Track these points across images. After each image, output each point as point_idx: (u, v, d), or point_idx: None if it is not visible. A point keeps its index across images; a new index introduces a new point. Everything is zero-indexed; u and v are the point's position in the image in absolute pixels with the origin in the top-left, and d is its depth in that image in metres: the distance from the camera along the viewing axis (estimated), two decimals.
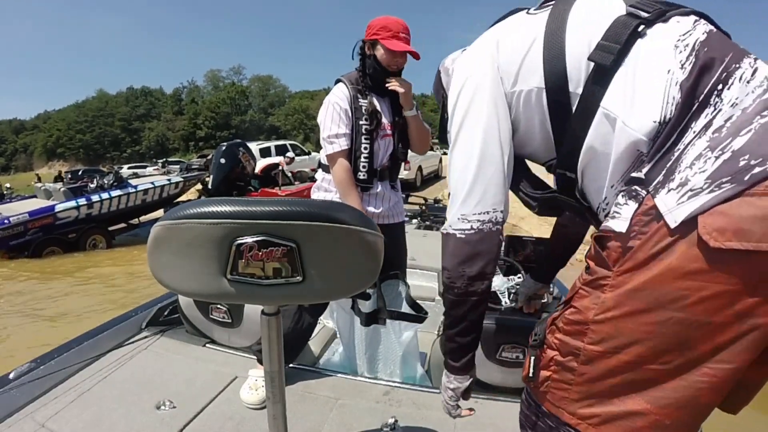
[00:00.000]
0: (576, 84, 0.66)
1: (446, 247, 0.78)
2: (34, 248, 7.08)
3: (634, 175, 0.58)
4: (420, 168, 12.27)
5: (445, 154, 21.54)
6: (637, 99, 0.59)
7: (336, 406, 1.34)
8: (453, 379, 0.87)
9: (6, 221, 6.78)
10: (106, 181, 8.12)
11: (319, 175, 1.78)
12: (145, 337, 1.72)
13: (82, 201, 7.54)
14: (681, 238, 0.51)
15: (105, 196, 7.82)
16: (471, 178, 0.75)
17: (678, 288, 0.51)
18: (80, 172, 15.67)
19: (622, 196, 0.58)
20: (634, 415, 0.57)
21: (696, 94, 0.55)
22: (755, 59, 0.58)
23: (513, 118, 0.75)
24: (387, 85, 1.64)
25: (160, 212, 8.62)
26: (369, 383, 1.49)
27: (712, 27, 0.63)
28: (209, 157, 12.75)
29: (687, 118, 0.55)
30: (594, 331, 0.58)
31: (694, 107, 0.55)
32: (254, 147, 10.77)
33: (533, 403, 0.70)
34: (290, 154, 10.43)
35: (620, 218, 0.57)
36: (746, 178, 0.48)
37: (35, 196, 8.43)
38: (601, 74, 0.63)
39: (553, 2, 0.72)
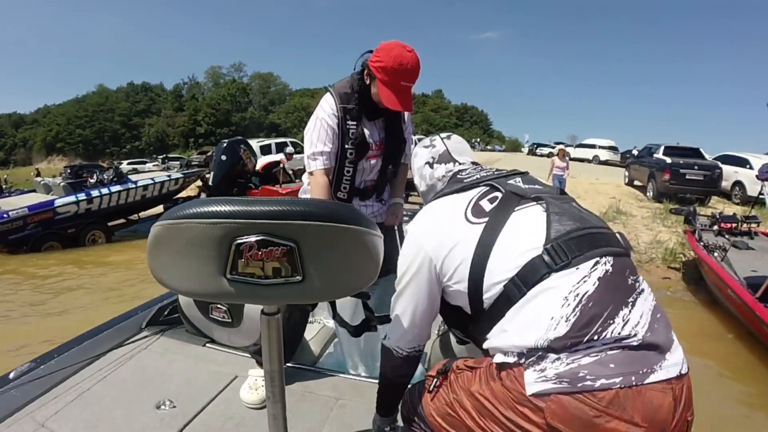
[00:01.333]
0: (489, 296, 0.86)
1: (385, 357, 1.06)
2: (33, 243, 7.10)
3: (518, 352, 0.79)
4: None
5: None
6: (525, 327, 0.79)
7: (336, 406, 1.34)
8: (385, 422, 1.15)
9: (5, 215, 6.78)
10: (105, 177, 8.12)
11: (306, 178, 1.75)
12: (145, 336, 1.71)
13: (82, 196, 7.55)
14: (531, 404, 0.74)
15: (105, 191, 7.83)
16: (408, 323, 1.00)
17: (516, 420, 0.77)
18: (79, 168, 15.66)
19: (510, 355, 0.80)
20: None
21: (570, 343, 0.74)
22: (630, 309, 0.78)
23: (444, 290, 0.98)
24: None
25: (159, 208, 8.63)
26: (369, 383, 1.48)
27: (609, 268, 0.81)
28: (209, 153, 12.73)
29: (558, 348, 0.75)
30: (470, 397, 0.86)
31: (567, 345, 0.75)
32: (255, 144, 10.77)
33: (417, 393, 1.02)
34: (289, 149, 10.41)
35: (502, 356, 0.81)
36: (578, 384, 0.71)
37: (35, 191, 8.42)
38: (507, 301, 0.83)
39: (483, 220, 0.91)
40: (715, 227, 5.47)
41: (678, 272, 5.98)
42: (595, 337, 0.74)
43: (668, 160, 10.59)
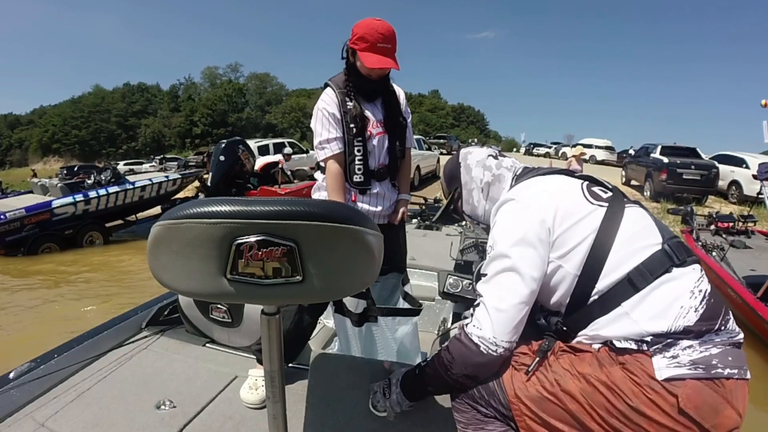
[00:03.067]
0: (605, 283, 0.87)
1: (462, 352, 0.91)
2: (30, 244, 7.05)
3: (638, 339, 0.83)
4: (418, 168, 12.26)
5: (442, 153, 21.61)
6: (656, 314, 0.83)
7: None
8: (406, 405, 1.04)
9: (2, 217, 6.74)
10: (103, 178, 8.08)
11: (318, 175, 1.78)
12: (145, 336, 1.71)
13: (79, 197, 7.51)
14: (663, 389, 0.77)
15: (102, 192, 7.79)
16: (515, 306, 0.90)
17: (642, 405, 0.79)
18: (76, 168, 15.59)
19: (627, 341, 0.83)
20: (555, 429, 0.87)
21: (700, 331, 0.81)
22: (729, 312, 0.87)
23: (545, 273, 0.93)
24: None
25: (157, 209, 8.61)
26: None
27: (708, 279, 0.91)
28: (207, 153, 12.70)
29: (688, 334, 0.81)
30: (581, 380, 0.84)
31: (692, 333, 0.81)
32: (252, 145, 10.75)
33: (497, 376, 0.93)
34: (287, 150, 10.40)
35: (622, 342, 0.83)
36: (712, 372, 0.78)
37: (31, 192, 8.38)
38: (630, 287, 0.85)
39: (606, 203, 0.94)
40: (713, 227, 5.49)
41: None
42: (719, 329, 0.83)
43: (665, 159, 10.63)
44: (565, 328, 0.91)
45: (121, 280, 5.89)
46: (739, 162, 11.04)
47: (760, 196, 5.63)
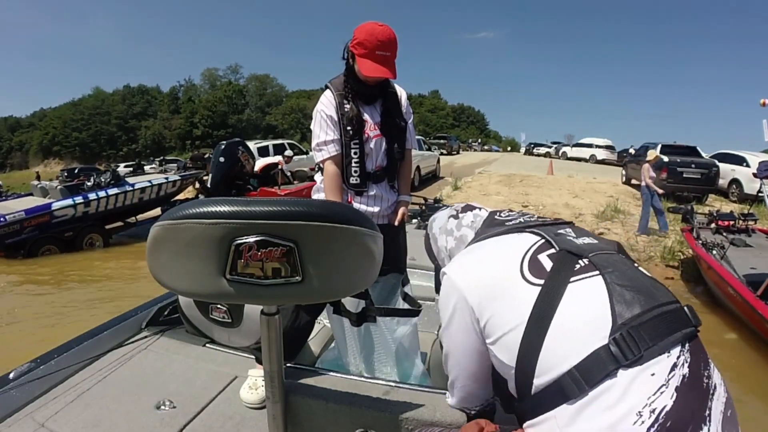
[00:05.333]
0: (540, 381, 0.72)
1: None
2: (30, 247, 7.05)
3: None
4: (418, 168, 12.27)
5: (442, 153, 21.59)
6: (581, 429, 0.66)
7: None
8: None
9: (2, 219, 6.74)
10: (103, 180, 8.08)
11: (318, 177, 1.78)
12: (145, 336, 1.71)
13: (79, 199, 7.51)
14: None
15: (102, 194, 7.79)
16: (466, 382, 0.94)
17: None
18: (76, 170, 15.60)
19: None
20: None
21: None
22: (710, 409, 0.66)
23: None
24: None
25: (157, 211, 8.61)
26: (369, 383, 1.48)
27: (686, 371, 0.67)
28: (206, 155, 12.71)
29: None
30: None
31: None
32: (252, 146, 10.75)
33: None
34: (288, 152, 10.42)
35: None
36: None
37: (31, 194, 8.39)
38: (560, 395, 0.69)
39: (541, 283, 0.77)
40: (713, 225, 5.49)
41: (677, 270, 6.00)
42: None
43: (665, 158, 10.62)
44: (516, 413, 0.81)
45: (120, 282, 5.88)
46: (740, 160, 11.03)
47: (760, 194, 5.64)
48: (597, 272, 0.77)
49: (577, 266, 0.78)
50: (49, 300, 5.25)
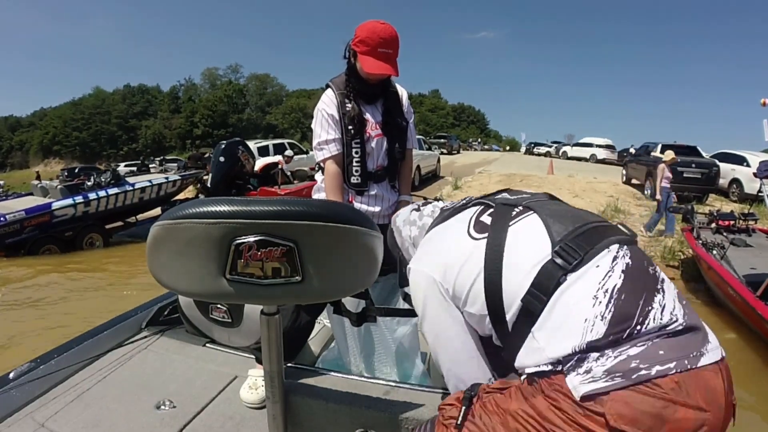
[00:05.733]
0: (511, 314, 0.80)
1: None
2: (30, 246, 7.06)
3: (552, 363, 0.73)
4: (419, 168, 12.27)
5: (442, 153, 21.60)
6: (559, 336, 0.73)
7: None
8: None
9: (2, 219, 6.75)
10: (103, 179, 8.08)
11: (319, 176, 1.78)
12: (145, 336, 1.71)
13: (79, 199, 7.52)
14: (586, 410, 0.66)
15: (102, 194, 7.80)
16: (464, 366, 0.93)
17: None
18: (77, 170, 15.58)
19: (543, 366, 0.73)
20: None
21: (612, 340, 0.69)
22: (663, 295, 0.74)
23: (466, 320, 0.91)
24: None
25: (157, 210, 8.61)
26: (369, 383, 1.48)
27: (629, 260, 0.77)
28: (206, 155, 12.71)
29: (600, 347, 0.70)
30: (510, 419, 0.74)
31: (609, 342, 0.70)
32: (252, 146, 10.76)
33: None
34: (289, 152, 10.42)
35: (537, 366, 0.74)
36: (633, 376, 0.65)
37: (31, 194, 8.39)
38: (528, 315, 0.77)
39: (486, 234, 0.87)
40: (713, 225, 5.49)
41: (677, 270, 6.00)
42: (638, 329, 0.70)
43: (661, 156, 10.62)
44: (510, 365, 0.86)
45: (119, 282, 5.88)
46: (740, 160, 11.03)
47: (760, 194, 5.64)
48: (531, 211, 0.88)
49: (514, 212, 0.89)
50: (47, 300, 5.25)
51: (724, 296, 4.37)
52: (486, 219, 0.91)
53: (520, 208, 0.90)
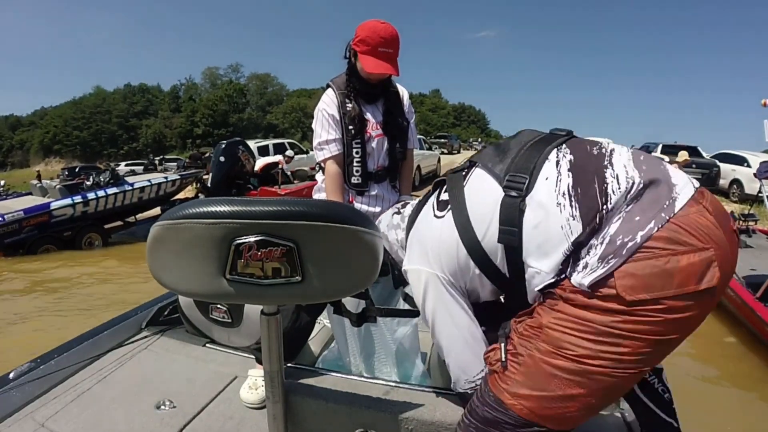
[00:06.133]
0: (499, 260, 0.85)
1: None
2: (29, 246, 7.04)
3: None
4: (419, 168, 12.27)
5: (443, 153, 21.57)
6: (546, 253, 0.78)
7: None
8: None
9: (1, 219, 6.74)
10: (102, 179, 8.06)
11: (319, 176, 1.78)
12: (145, 336, 1.71)
13: (78, 199, 7.50)
14: (593, 295, 0.72)
15: (101, 193, 7.78)
16: (472, 350, 0.94)
17: (602, 324, 0.71)
18: (77, 169, 15.60)
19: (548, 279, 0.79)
20: (568, 398, 0.74)
21: (590, 230, 0.75)
22: (612, 167, 0.79)
23: (468, 288, 0.95)
24: None
25: (156, 210, 8.60)
26: (369, 383, 1.48)
27: (569, 151, 0.84)
28: (206, 155, 12.71)
29: (584, 242, 0.75)
30: (548, 331, 0.76)
31: (587, 236, 0.75)
32: (252, 145, 10.76)
33: (483, 386, 0.87)
34: (289, 152, 10.42)
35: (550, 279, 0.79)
36: (623, 251, 0.70)
37: (30, 194, 8.38)
38: (513, 251, 0.82)
39: (448, 207, 0.92)
40: None
41: None
42: (606, 208, 0.75)
43: (666, 158, 10.62)
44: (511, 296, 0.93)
45: (118, 282, 5.88)
46: (741, 161, 11.03)
47: (760, 195, 5.63)
48: (473, 165, 0.94)
49: (463, 174, 0.96)
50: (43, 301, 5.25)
51: (724, 298, 4.37)
52: (444, 196, 0.96)
53: (466, 166, 0.96)
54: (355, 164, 1.65)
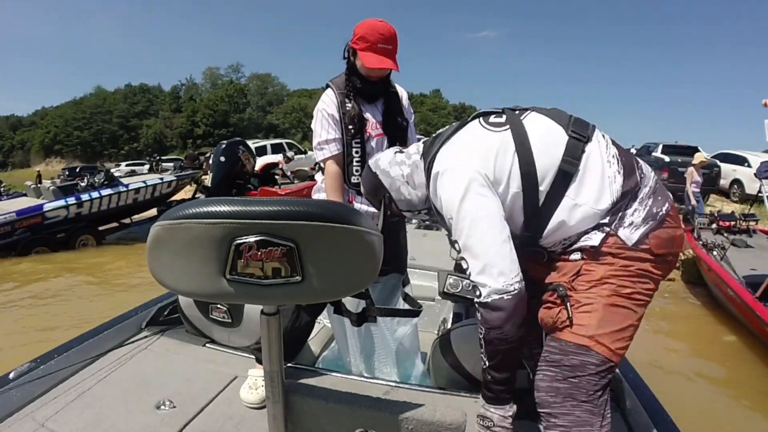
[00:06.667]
0: (546, 183, 1.02)
1: (494, 314, 0.98)
2: (21, 248, 6.94)
3: (600, 222, 1.01)
4: None
5: None
6: (596, 193, 1.01)
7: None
8: (509, 410, 1.07)
9: None
10: (96, 180, 7.98)
11: (319, 176, 1.78)
12: (145, 336, 1.71)
13: (72, 200, 7.42)
14: (636, 249, 0.99)
15: (95, 195, 7.70)
16: (501, 248, 0.99)
17: (639, 268, 0.99)
18: (78, 169, 15.58)
19: (593, 232, 1.01)
20: (626, 329, 0.97)
21: (629, 191, 1.02)
22: (635, 158, 1.08)
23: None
24: None
25: (152, 211, 8.57)
26: (368, 383, 1.49)
27: (607, 140, 1.08)
28: (207, 155, 12.70)
29: (626, 199, 1.02)
30: (606, 283, 0.98)
31: (629, 195, 1.02)
32: (250, 145, 10.75)
33: (559, 342, 0.99)
34: (290, 153, 10.43)
35: (594, 239, 1.00)
36: (657, 217, 1.01)
37: (26, 195, 8.33)
38: (565, 178, 1.01)
39: (507, 125, 1.07)
40: (714, 225, 5.48)
41: (677, 271, 5.99)
42: (642, 183, 1.03)
43: (666, 158, 10.63)
44: (541, 245, 1.07)
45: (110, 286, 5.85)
46: (741, 161, 11.02)
47: (759, 194, 5.63)
48: (531, 111, 1.11)
49: (517, 112, 1.11)
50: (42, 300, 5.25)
51: (724, 297, 4.37)
52: (495, 119, 1.10)
53: (520, 109, 1.12)
54: (355, 164, 1.65)
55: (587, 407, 0.95)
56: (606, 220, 0.99)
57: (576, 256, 1.01)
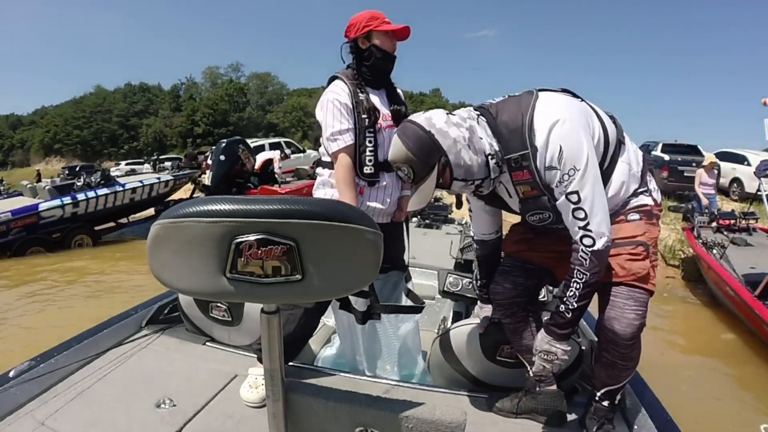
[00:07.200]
0: (612, 148, 1.22)
1: (602, 257, 1.11)
2: (16, 248, 6.86)
3: (639, 188, 1.29)
4: None
5: None
6: (634, 157, 1.30)
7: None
8: (555, 344, 1.19)
9: None
10: (93, 180, 7.89)
11: (320, 171, 1.76)
12: (145, 335, 1.71)
13: (67, 200, 7.34)
14: (657, 208, 1.30)
15: (91, 194, 7.62)
16: (605, 203, 1.14)
17: (656, 213, 1.30)
18: (78, 168, 15.53)
19: (641, 195, 1.28)
20: (654, 268, 1.21)
21: (648, 175, 1.34)
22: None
23: None
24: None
25: (150, 211, 8.53)
26: (369, 382, 1.49)
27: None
28: (206, 154, 12.68)
29: (646, 178, 1.32)
30: (652, 244, 1.23)
31: (645, 173, 1.33)
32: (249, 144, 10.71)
33: (630, 289, 1.17)
34: (288, 150, 10.39)
35: (646, 200, 1.27)
36: (657, 189, 1.34)
37: (22, 194, 8.29)
38: (620, 143, 1.26)
39: (579, 97, 1.25)
40: (714, 224, 5.48)
41: (677, 270, 5.99)
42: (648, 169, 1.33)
43: (666, 157, 10.62)
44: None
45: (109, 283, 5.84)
46: (741, 159, 11.01)
47: (758, 193, 5.63)
48: (566, 91, 1.28)
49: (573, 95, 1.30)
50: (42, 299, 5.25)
51: (724, 296, 4.37)
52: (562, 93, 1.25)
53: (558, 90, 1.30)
54: (368, 153, 1.64)
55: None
56: (641, 186, 1.25)
57: (634, 216, 1.22)
